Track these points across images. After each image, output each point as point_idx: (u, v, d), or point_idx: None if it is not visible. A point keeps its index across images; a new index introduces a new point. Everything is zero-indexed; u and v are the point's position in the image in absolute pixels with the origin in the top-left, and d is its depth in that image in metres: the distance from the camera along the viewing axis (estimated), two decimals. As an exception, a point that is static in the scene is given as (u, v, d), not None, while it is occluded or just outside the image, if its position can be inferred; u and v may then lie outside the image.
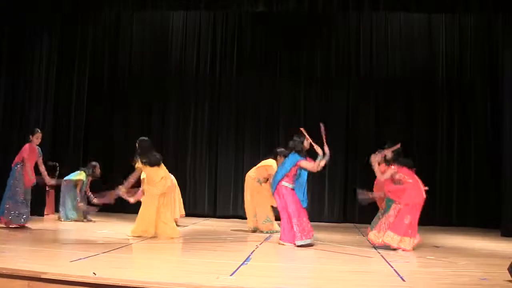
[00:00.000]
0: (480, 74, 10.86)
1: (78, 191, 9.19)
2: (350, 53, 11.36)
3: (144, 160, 7.17)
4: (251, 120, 11.48)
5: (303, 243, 6.55)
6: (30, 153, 7.66)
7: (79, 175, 9.33)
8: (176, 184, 9.12)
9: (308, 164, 6.77)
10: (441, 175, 10.83)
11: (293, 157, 6.84)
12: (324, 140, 6.77)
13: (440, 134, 10.95)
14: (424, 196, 6.80)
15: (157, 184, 7.21)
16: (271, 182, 7.29)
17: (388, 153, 7.00)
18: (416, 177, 6.88)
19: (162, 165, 7.35)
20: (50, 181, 8.21)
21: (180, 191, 11.30)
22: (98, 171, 9.45)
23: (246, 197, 8.57)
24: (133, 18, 11.77)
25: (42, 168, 7.82)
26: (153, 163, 7.21)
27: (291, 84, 11.42)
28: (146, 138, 7.39)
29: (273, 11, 10.21)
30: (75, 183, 9.24)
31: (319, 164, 6.69)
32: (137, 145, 7.29)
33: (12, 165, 7.68)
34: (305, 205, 6.79)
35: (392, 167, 6.87)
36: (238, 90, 11.53)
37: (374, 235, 6.80)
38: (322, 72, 11.40)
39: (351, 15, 11.30)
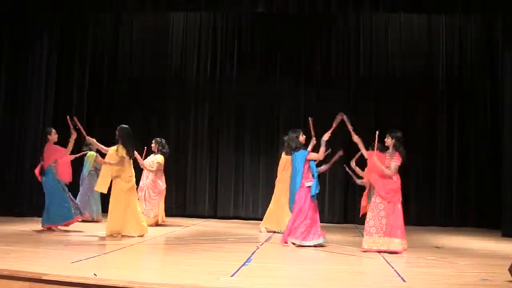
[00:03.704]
0: (480, 74, 10.88)
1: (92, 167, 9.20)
2: (350, 54, 11.36)
3: (127, 149, 7.13)
4: (251, 121, 11.48)
5: (302, 243, 6.59)
6: (52, 152, 7.58)
7: (90, 158, 9.20)
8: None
9: (315, 155, 6.85)
10: (441, 175, 10.84)
11: (300, 154, 6.85)
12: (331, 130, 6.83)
13: (440, 134, 10.96)
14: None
15: (129, 180, 7.16)
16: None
17: (389, 140, 6.54)
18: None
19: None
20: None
21: (181, 192, 11.34)
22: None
23: (276, 203, 8.44)
24: (133, 19, 11.78)
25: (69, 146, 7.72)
26: (131, 155, 7.23)
27: (291, 84, 11.42)
28: (126, 126, 7.30)
29: (273, 12, 10.23)
30: (94, 168, 9.16)
31: (323, 151, 6.75)
32: (117, 132, 7.24)
33: (44, 169, 7.54)
34: (316, 191, 6.75)
35: (395, 157, 6.41)
36: (238, 90, 11.53)
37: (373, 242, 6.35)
38: (322, 72, 11.41)
39: (350, 16, 11.31)
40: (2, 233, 7.10)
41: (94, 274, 4.14)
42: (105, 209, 9.15)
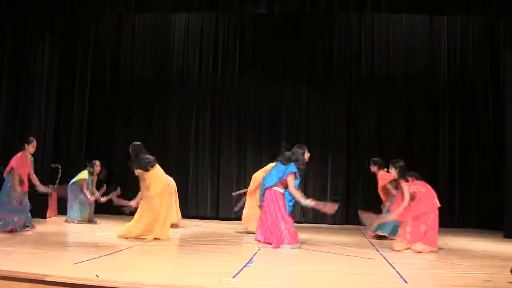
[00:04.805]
0: (481, 74, 10.86)
1: (84, 191, 9.21)
2: (352, 54, 11.36)
3: (135, 166, 7.10)
4: (253, 121, 11.48)
5: (292, 247, 6.58)
6: (22, 162, 7.43)
7: (81, 175, 9.35)
8: (175, 188, 9.13)
9: (292, 184, 6.66)
10: (443, 176, 10.81)
11: (290, 168, 6.73)
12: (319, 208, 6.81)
13: (442, 135, 10.94)
14: (437, 203, 6.69)
15: (151, 186, 7.10)
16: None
17: (393, 171, 6.99)
18: (427, 185, 6.82)
19: (157, 166, 7.23)
20: (43, 189, 7.82)
21: (183, 193, 11.32)
22: (97, 168, 9.44)
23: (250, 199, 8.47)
24: (135, 19, 11.78)
25: (34, 178, 7.55)
26: (144, 167, 7.11)
27: (292, 85, 11.41)
28: (137, 143, 7.29)
29: (274, 12, 10.21)
30: (80, 185, 9.27)
31: (299, 198, 6.65)
32: (130, 150, 7.25)
33: (5, 174, 7.47)
34: (289, 211, 6.73)
35: (404, 185, 6.75)
36: (240, 91, 11.53)
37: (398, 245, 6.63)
38: (323, 73, 11.40)
39: (352, 16, 11.30)
40: (3, 235, 7.09)
41: (96, 275, 4.14)
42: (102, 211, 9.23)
